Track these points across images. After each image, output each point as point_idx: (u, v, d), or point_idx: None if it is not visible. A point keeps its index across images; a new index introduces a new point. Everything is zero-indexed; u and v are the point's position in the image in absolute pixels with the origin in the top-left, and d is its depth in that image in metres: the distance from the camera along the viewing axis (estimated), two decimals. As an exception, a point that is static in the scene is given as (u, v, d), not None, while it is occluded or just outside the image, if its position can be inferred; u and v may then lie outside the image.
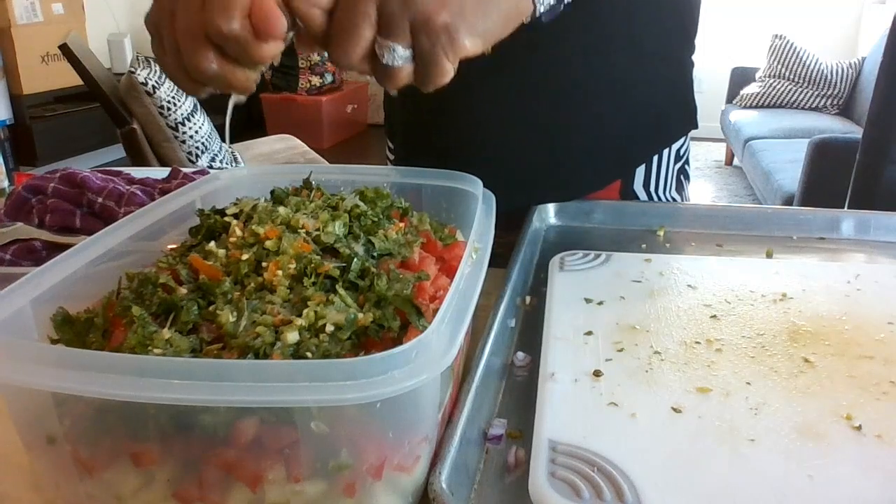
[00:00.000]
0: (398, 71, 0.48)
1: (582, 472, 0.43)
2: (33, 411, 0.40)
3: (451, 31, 0.47)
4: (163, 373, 0.35)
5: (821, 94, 4.31)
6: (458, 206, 0.65)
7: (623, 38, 0.85)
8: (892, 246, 0.81)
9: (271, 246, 0.48)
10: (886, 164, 2.00)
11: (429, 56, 0.48)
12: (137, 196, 0.84)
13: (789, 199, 3.12)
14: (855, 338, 0.58)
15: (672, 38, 0.90)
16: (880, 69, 2.01)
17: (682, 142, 0.95)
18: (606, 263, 0.73)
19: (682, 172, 0.97)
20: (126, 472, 0.39)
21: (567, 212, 0.89)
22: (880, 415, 0.48)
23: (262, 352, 0.40)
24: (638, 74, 0.87)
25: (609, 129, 0.88)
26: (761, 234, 0.84)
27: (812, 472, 0.43)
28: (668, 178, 0.94)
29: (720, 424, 0.48)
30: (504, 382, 0.56)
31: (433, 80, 0.49)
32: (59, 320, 0.45)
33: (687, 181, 0.99)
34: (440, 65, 0.48)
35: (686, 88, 0.94)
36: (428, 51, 0.48)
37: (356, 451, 0.39)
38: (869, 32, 4.56)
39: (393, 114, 1.03)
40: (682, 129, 0.94)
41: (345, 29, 0.47)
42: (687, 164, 0.98)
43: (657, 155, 0.92)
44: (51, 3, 4.14)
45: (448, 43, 0.47)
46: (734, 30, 4.77)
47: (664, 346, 0.57)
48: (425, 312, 0.45)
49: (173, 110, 2.50)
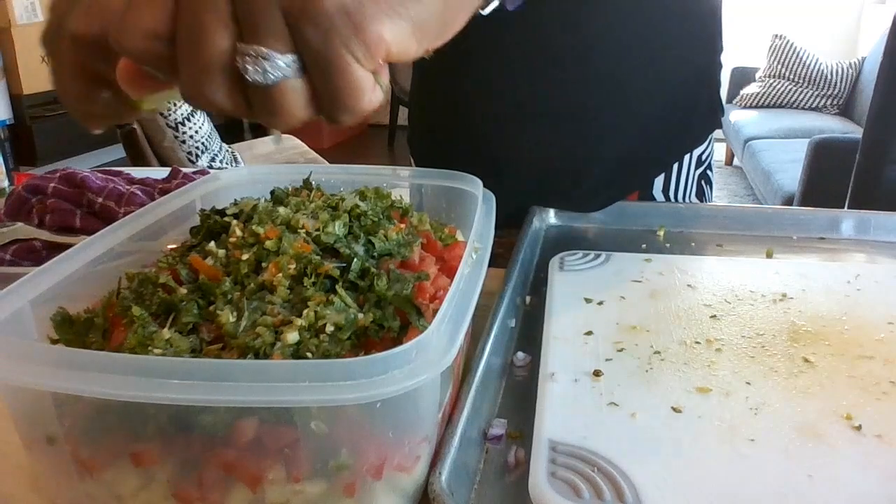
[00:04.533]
0: (278, 91, 0.31)
1: (582, 472, 0.43)
2: (33, 411, 0.40)
3: (350, 11, 0.30)
4: (163, 373, 0.35)
5: (821, 94, 4.31)
6: (458, 206, 0.65)
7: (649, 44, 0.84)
8: (892, 246, 0.81)
9: (271, 246, 0.48)
10: (886, 164, 2.00)
11: (324, 58, 0.31)
12: (137, 196, 0.84)
13: (789, 199, 3.12)
14: (855, 338, 0.58)
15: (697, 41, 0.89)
16: (880, 69, 2.01)
17: (706, 146, 0.94)
18: (606, 263, 0.73)
19: (703, 178, 0.95)
20: (126, 472, 0.39)
21: (568, 212, 0.89)
22: (880, 415, 0.48)
23: (262, 352, 0.40)
24: (664, 83, 0.87)
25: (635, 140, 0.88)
26: (761, 234, 0.84)
27: (812, 472, 0.43)
28: (688, 184, 0.93)
29: (720, 424, 0.48)
30: (504, 382, 0.56)
31: (342, 98, 0.32)
32: (59, 320, 0.45)
33: (709, 186, 0.97)
34: (344, 71, 0.31)
35: (714, 91, 0.93)
36: (321, 50, 0.31)
37: (356, 451, 0.39)
38: (869, 32, 4.56)
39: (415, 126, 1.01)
40: (704, 130, 0.93)
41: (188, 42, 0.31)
42: (709, 170, 0.97)
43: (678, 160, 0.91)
44: (51, 3, 4.13)
45: (351, 33, 0.31)
46: (734, 30, 4.76)
47: (664, 346, 0.57)
48: (425, 312, 0.45)
49: (173, 110, 2.50)
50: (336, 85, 0.31)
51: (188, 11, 0.31)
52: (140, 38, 0.31)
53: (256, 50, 0.30)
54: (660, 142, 0.89)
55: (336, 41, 0.30)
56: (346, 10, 0.30)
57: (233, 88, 0.32)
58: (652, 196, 0.91)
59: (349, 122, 0.33)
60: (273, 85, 0.31)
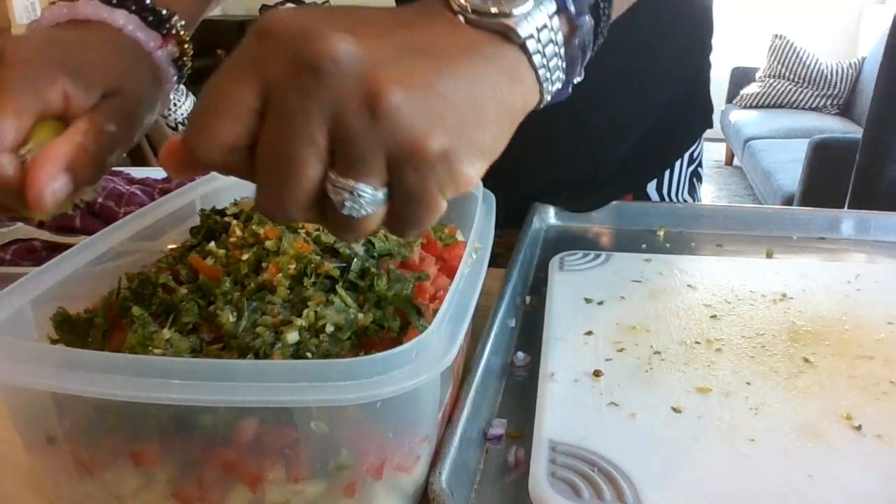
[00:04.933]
0: (366, 222, 0.33)
1: (582, 472, 0.43)
2: (33, 411, 0.40)
3: (450, 159, 0.32)
4: (163, 373, 0.35)
5: (821, 94, 4.31)
6: (458, 206, 0.65)
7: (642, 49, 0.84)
8: (892, 246, 0.81)
9: (271, 246, 0.48)
10: (886, 164, 2.00)
11: (418, 195, 0.32)
12: (137, 196, 0.84)
13: (789, 199, 3.11)
14: (855, 338, 0.58)
15: (690, 45, 0.89)
16: (880, 69, 2.01)
17: (696, 145, 0.95)
18: (606, 263, 0.73)
19: (694, 175, 0.97)
20: (126, 472, 0.39)
21: (567, 212, 0.89)
22: (880, 415, 0.48)
23: (263, 352, 0.40)
24: (657, 87, 0.87)
25: (629, 141, 0.88)
26: (761, 234, 0.84)
27: (812, 472, 0.43)
28: (681, 182, 0.93)
29: (720, 424, 0.48)
30: (504, 382, 0.56)
31: (418, 222, 0.34)
32: (59, 320, 0.45)
33: (699, 183, 0.99)
34: (434, 205, 0.33)
35: (704, 92, 0.94)
36: (417, 189, 0.32)
37: (356, 451, 0.39)
38: (869, 32, 4.56)
39: None
40: (698, 131, 0.94)
41: (277, 168, 0.31)
42: (700, 167, 0.98)
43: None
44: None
45: (447, 176, 0.32)
46: (734, 30, 4.76)
47: (664, 346, 0.57)
48: (425, 312, 0.45)
49: (173, 110, 2.50)
50: (420, 215, 0.33)
51: (280, 139, 0.30)
52: (217, 150, 0.31)
53: (353, 186, 0.31)
54: (654, 144, 0.90)
55: (432, 183, 0.32)
56: (446, 157, 0.31)
57: (314, 209, 0.32)
58: (646, 194, 0.92)
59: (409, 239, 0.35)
60: (361, 217, 0.32)
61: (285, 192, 0.31)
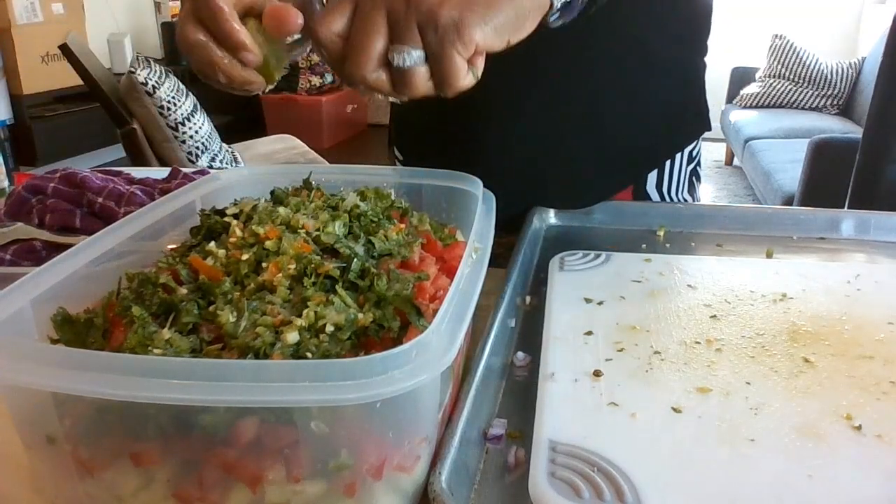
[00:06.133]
0: (412, 73, 0.49)
1: (582, 472, 0.43)
2: (33, 411, 0.40)
3: (458, 24, 0.47)
4: (163, 373, 0.35)
5: (821, 94, 4.31)
6: (458, 206, 0.65)
7: (636, 44, 0.84)
8: (892, 246, 0.81)
9: (271, 246, 0.48)
10: (886, 164, 2.00)
11: (439, 53, 0.48)
12: (137, 196, 0.84)
13: (789, 199, 3.11)
14: (855, 338, 0.58)
15: (684, 42, 0.90)
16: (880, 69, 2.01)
17: (695, 143, 0.95)
18: (606, 263, 0.73)
19: (693, 174, 0.97)
20: (126, 472, 0.39)
21: (567, 212, 0.89)
22: (880, 415, 0.48)
23: (262, 352, 0.40)
24: (650, 80, 0.87)
25: (623, 136, 0.88)
26: (761, 234, 0.84)
27: (812, 472, 0.43)
28: (681, 180, 0.94)
29: (720, 424, 0.48)
30: (504, 382, 0.56)
31: (449, 79, 0.49)
32: (59, 320, 0.45)
33: (698, 182, 0.99)
34: (452, 61, 0.48)
35: (699, 91, 0.94)
36: (437, 48, 0.47)
37: (356, 451, 0.39)
38: (869, 32, 4.56)
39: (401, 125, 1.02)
40: (695, 132, 0.94)
41: (359, 44, 0.48)
42: (699, 166, 0.98)
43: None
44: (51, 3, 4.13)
45: (457, 37, 0.47)
46: (734, 30, 4.77)
47: (664, 346, 0.57)
48: (425, 312, 0.45)
49: (173, 110, 2.49)
50: (445, 69, 0.49)
51: (361, 23, 0.49)
52: (332, 36, 0.50)
53: (401, 48, 0.48)
54: (650, 141, 0.90)
55: (446, 41, 0.47)
56: (454, 22, 0.47)
57: (382, 70, 0.50)
58: (646, 192, 0.92)
59: (451, 96, 0.51)
60: (408, 68, 0.49)
61: (366, 58, 0.48)
